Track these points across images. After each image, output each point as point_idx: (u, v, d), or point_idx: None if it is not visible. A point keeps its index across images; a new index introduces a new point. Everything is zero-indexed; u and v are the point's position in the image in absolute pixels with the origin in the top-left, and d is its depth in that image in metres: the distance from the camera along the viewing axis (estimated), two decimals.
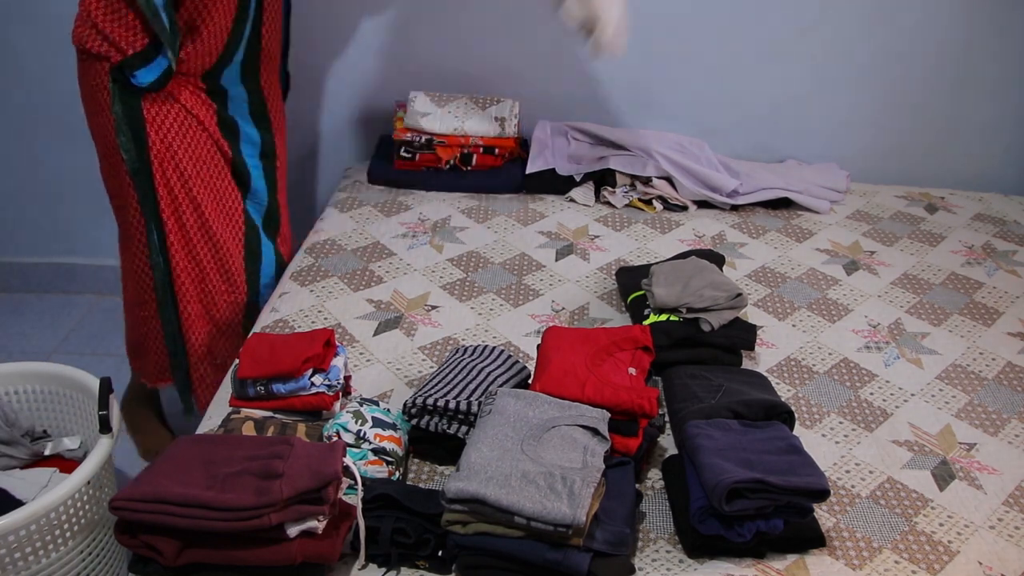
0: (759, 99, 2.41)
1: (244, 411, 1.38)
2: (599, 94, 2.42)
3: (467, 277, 1.89)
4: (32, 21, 2.37)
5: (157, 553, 1.09)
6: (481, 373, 1.41)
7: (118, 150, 1.72)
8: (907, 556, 1.23)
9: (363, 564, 1.17)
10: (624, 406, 1.31)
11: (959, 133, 2.44)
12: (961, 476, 1.39)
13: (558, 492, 1.10)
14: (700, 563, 1.20)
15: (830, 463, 1.40)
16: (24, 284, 2.83)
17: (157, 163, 1.74)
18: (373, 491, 1.19)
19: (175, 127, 1.74)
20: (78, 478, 1.44)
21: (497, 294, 1.83)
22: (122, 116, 1.69)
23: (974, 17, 2.26)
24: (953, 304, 1.86)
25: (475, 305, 1.79)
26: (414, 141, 2.24)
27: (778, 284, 1.90)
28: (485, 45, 2.37)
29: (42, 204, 2.70)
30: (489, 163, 2.27)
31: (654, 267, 1.68)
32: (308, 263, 1.93)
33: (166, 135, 1.73)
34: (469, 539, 1.13)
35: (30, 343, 2.61)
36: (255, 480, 1.08)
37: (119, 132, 1.70)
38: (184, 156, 1.76)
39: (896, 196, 2.35)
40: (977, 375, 1.64)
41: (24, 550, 1.40)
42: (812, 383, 1.59)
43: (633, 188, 2.24)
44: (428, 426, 1.33)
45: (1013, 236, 2.16)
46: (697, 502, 1.19)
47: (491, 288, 1.85)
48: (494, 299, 1.82)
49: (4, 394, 1.74)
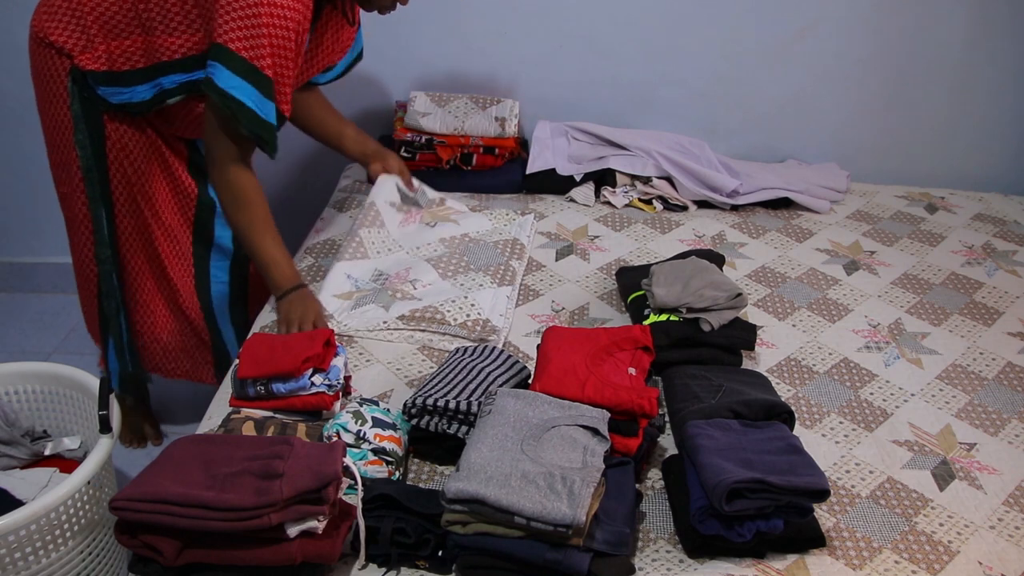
0: (759, 99, 2.41)
1: (244, 411, 1.38)
2: (599, 94, 2.42)
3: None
4: None
5: (157, 553, 1.09)
6: (481, 373, 1.41)
7: (69, 143, 1.69)
8: (907, 556, 1.23)
9: (363, 564, 1.17)
10: (624, 406, 1.31)
11: (959, 133, 2.44)
12: (961, 476, 1.39)
13: (558, 492, 1.10)
14: (700, 563, 1.20)
15: (830, 463, 1.40)
16: (24, 284, 2.83)
17: (114, 164, 1.72)
18: (373, 491, 1.19)
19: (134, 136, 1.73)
20: (78, 478, 1.44)
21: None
22: (80, 115, 1.65)
23: (974, 17, 2.26)
24: (953, 304, 1.86)
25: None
26: (414, 141, 2.24)
27: (778, 284, 1.90)
28: (485, 45, 2.37)
29: (42, 204, 2.70)
30: (489, 163, 2.27)
31: (654, 267, 1.68)
32: (308, 263, 1.93)
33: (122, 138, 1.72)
34: (469, 539, 1.13)
35: (30, 343, 2.61)
36: (255, 480, 1.08)
37: (76, 130, 1.66)
38: (139, 156, 1.75)
39: (896, 196, 2.35)
40: (977, 375, 1.64)
41: (24, 550, 1.40)
42: (812, 383, 1.59)
43: (633, 188, 2.24)
44: (428, 426, 1.33)
45: (1013, 236, 2.16)
46: (697, 502, 1.19)
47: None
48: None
49: (4, 394, 1.74)
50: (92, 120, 1.67)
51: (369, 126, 2.49)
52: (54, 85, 1.67)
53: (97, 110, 1.67)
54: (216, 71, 1.47)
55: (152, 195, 1.80)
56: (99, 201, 1.74)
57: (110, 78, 1.64)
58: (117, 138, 1.72)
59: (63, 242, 2.74)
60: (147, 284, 1.89)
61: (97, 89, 1.66)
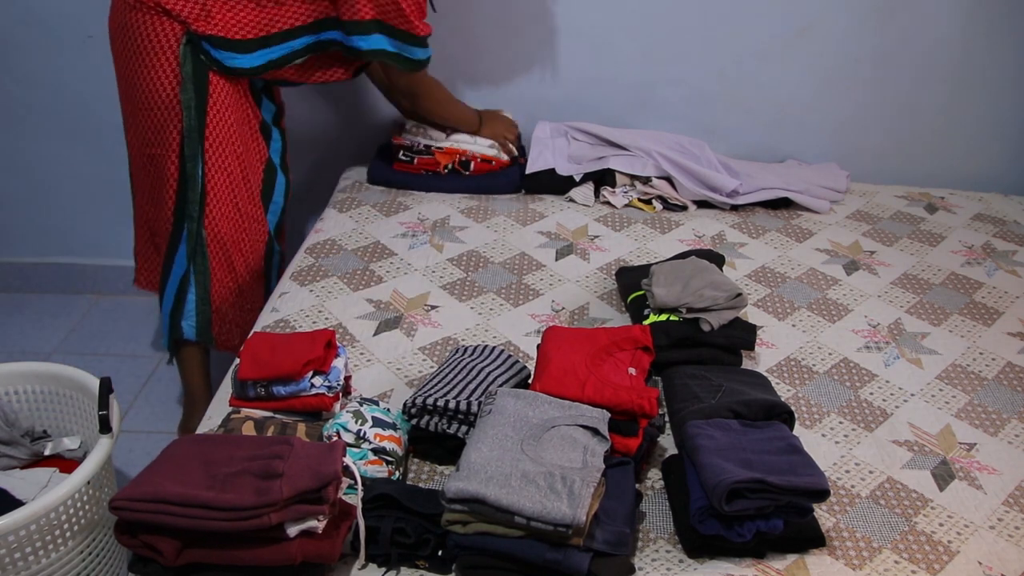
0: (759, 99, 2.41)
1: (244, 411, 1.38)
2: (599, 94, 2.42)
3: (467, 277, 1.89)
4: (33, 21, 2.37)
5: (157, 553, 1.09)
6: (481, 373, 1.41)
7: (171, 104, 1.81)
8: (907, 556, 1.23)
9: (363, 564, 1.17)
10: (624, 406, 1.31)
11: (959, 133, 2.44)
12: (961, 476, 1.39)
13: (558, 492, 1.10)
14: (700, 563, 1.20)
15: (830, 463, 1.40)
16: (24, 284, 2.83)
17: (211, 123, 1.85)
18: (373, 491, 1.19)
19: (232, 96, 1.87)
20: (78, 478, 1.44)
21: (497, 294, 1.83)
22: (191, 76, 1.79)
23: (974, 17, 2.26)
24: (953, 304, 1.86)
25: (475, 305, 1.79)
26: (413, 146, 2.24)
27: (778, 284, 1.90)
28: (485, 45, 2.37)
29: (42, 204, 2.70)
30: (487, 170, 2.27)
31: (654, 267, 1.68)
32: (308, 263, 1.93)
33: (225, 98, 1.85)
34: (469, 539, 1.13)
35: (30, 343, 2.61)
36: (255, 480, 1.08)
37: (183, 90, 1.80)
38: (235, 116, 1.89)
39: (896, 196, 2.35)
40: (977, 375, 1.64)
41: (24, 550, 1.40)
42: (812, 383, 1.59)
43: (633, 188, 2.24)
44: (428, 426, 1.33)
45: (1013, 236, 2.16)
46: (697, 502, 1.19)
47: (491, 288, 1.85)
48: (494, 299, 1.82)
49: (4, 394, 1.74)
50: (200, 81, 1.81)
51: (370, 130, 2.50)
52: (161, 49, 1.79)
53: (205, 72, 1.81)
54: (379, 40, 1.85)
55: (240, 153, 1.93)
56: (198, 158, 1.85)
57: (228, 43, 1.80)
58: (219, 98, 1.85)
59: (63, 242, 2.78)
60: (228, 239, 1.97)
61: (214, 52, 1.80)
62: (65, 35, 2.38)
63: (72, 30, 2.37)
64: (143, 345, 2.61)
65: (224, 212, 1.93)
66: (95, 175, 2.60)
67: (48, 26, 2.38)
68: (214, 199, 1.91)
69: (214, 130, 1.86)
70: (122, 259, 2.66)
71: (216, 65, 1.81)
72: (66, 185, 2.66)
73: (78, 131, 2.54)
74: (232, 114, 1.88)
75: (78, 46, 2.39)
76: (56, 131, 2.56)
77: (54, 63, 2.43)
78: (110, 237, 2.71)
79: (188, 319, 1.99)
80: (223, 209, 1.93)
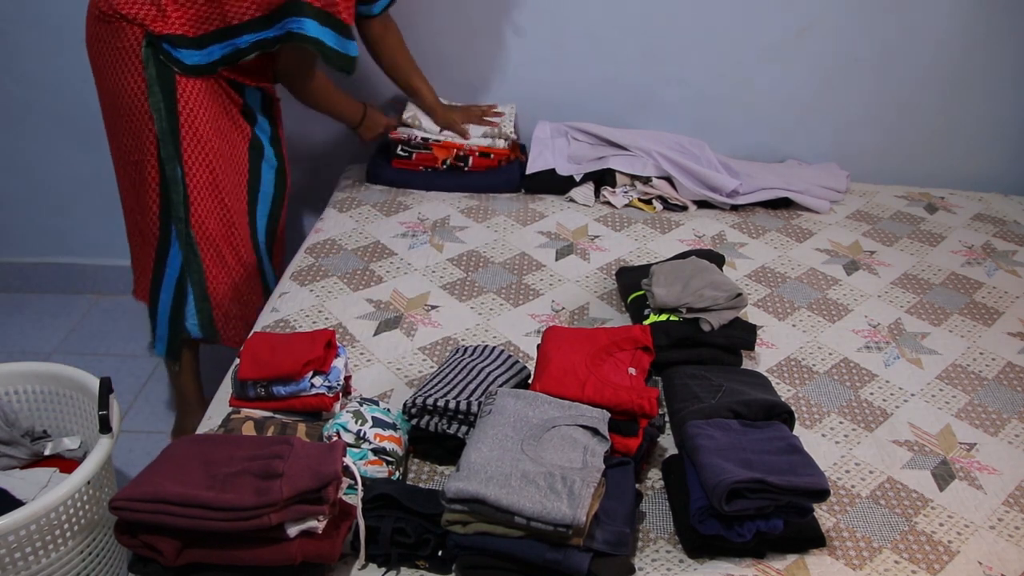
0: (759, 99, 2.41)
1: (244, 411, 1.38)
2: (599, 94, 2.42)
3: (467, 277, 1.89)
4: (33, 21, 2.37)
5: (157, 553, 1.09)
6: (481, 373, 1.41)
7: (142, 109, 1.80)
8: (907, 556, 1.23)
9: (363, 564, 1.17)
10: (624, 406, 1.31)
11: (959, 133, 2.44)
12: (961, 476, 1.39)
13: (558, 492, 1.10)
14: (700, 563, 1.20)
15: (830, 463, 1.40)
16: (24, 284, 2.83)
17: (185, 124, 1.83)
18: (373, 491, 1.19)
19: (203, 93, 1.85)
20: (78, 478, 1.44)
21: (497, 294, 1.83)
22: (155, 79, 1.78)
23: (974, 17, 2.26)
24: (953, 304, 1.86)
25: (475, 305, 1.79)
26: (411, 140, 2.24)
27: (778, 284, 1.90)
28: (485, 46, 2.37)
29: (42, 204, 2.70)
30: (485, 165, 2.27)
31: (654, 267, 1.68)
32: (308, 263, 1.93)
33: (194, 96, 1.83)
34: (469, 539, 1.13)
35: (30, 343, 2.61)
36: (255, 480, 1.08)
37: (150, 93, 1.78)
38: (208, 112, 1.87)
39: (896, 196, 2.35)
40: (977, 375, 1.64)
41: (24, 550, 1.40)
42: (812, 383, 1.59)
43: (633, 188, 2.24)
44: (428, 426, 1.33)
45: (1013, 236, 2.16)
46: (697, 502, 1.19)
47: (491, 288, 1.85)
48: (494, 299, 1.82)
49: (4, 394, 1.74)
50: (166, 82, 1.80)
51: None
52: (126, 55, 1.79)
53: (170, 72, 1.80)
54: (302, 24, 1.76)
55: (218, 148, 1.91)
56: (175, 160, 1.84)
57: (186, 41, 1.79)
58: (189, 96, 1.83)
59: (63, 242, 2.78)
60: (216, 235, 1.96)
61: (174, 52, 1.78)
62: (65, 35, 2.38)
63: (72, 30, 2.36)
64: (143, 345, 2.61)
65: (209, 210, 1.92)
66: (95, 175, 2.60)
67: (48, 26, 2.38)
68: (197, 198, 1.90)
69: (189, 130, 1.84)
70: (122, 259, 2.65)
71: (177, 65, 1.80)
72: (66, 185, 2.66)
73: (78, 131, 2.54)
74: (206, 111, 1.86)
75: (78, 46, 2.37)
76: (56, 131, 2.56)
77: (54, 63, 2.43)
78: (110, 237, 2.70)
79: (191, 318, 1.99)
80: (208, 207, 1.92)
